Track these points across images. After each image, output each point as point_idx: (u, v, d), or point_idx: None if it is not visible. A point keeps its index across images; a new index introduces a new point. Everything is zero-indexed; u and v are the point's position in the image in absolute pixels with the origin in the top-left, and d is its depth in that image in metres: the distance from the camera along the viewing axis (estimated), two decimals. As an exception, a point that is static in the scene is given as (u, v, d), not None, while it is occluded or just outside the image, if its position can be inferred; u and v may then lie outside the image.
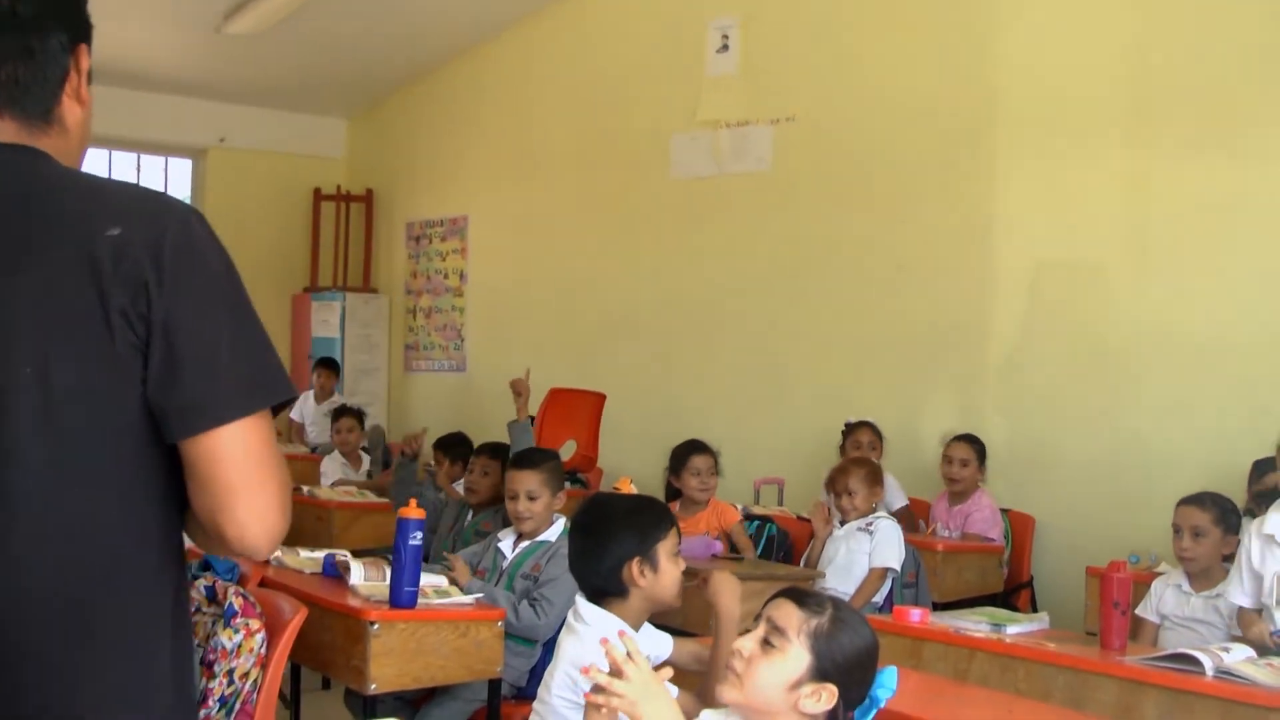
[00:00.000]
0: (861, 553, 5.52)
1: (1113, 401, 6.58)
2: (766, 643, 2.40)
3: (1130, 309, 6.54)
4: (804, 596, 2.46)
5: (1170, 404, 6.38)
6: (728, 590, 3.25)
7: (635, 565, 3.11)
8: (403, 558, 4.11)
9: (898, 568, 5.51)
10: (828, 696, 2.34)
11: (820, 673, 2.35)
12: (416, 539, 4.09)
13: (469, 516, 5.79)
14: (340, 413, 8.21)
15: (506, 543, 4.80)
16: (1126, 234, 6.60)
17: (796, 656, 2.37)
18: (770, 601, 2.48)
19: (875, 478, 5.70)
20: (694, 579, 3.32)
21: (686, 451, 6.04)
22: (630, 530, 3.16)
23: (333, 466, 7.88)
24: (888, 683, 2.38)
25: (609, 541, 3.13)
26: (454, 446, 8.07)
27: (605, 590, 3.13)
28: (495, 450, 5.89)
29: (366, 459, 8.06)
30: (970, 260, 7.21)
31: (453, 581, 4.52)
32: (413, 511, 4.12)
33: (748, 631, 2.46)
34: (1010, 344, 7.04)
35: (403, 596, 4.11)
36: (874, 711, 2.38)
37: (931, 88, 7.45)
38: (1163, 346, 6.41)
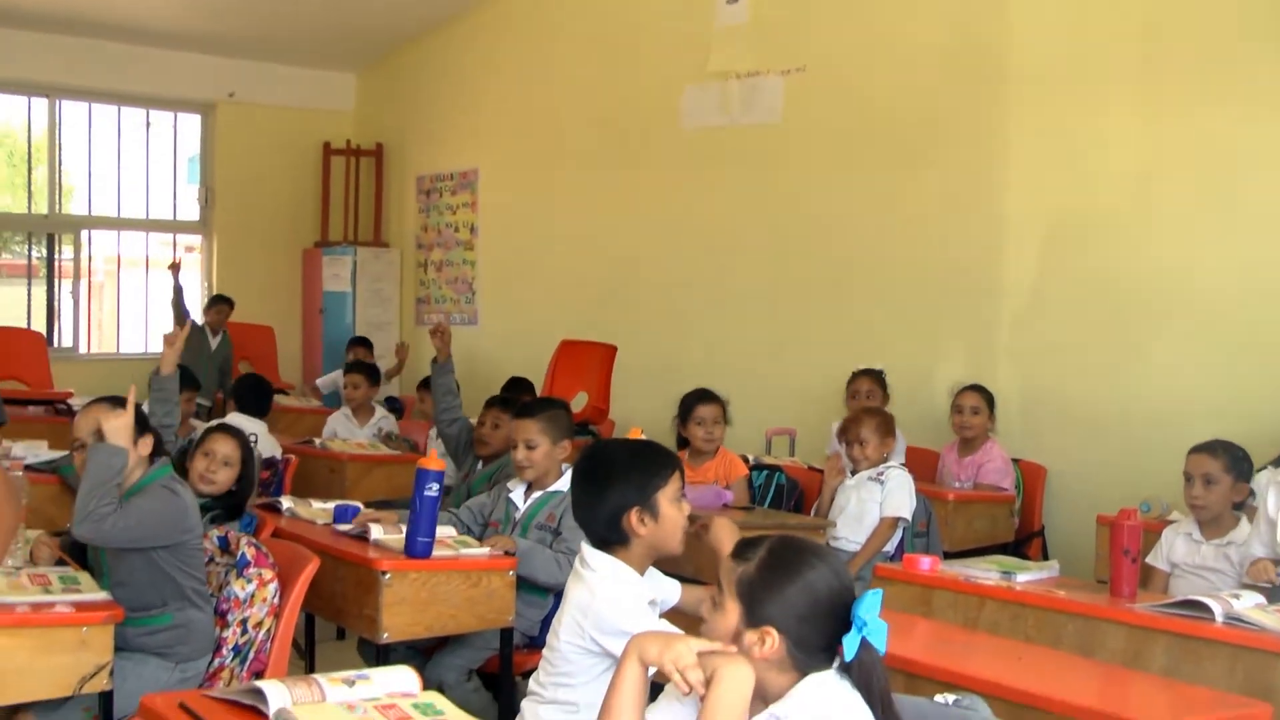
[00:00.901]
0: (873, 502, 5.53)
1: (1124, 351, 6.57)
2: (713, 602, 2.42)
3: (1141, 259, 6.51)
4: (742, 547, 2.44)
5: (1181, 352, 6.37)
6: (728, 536, 3.25)
7: (635, 515, 3.11)
8: (419, 508, 4.11)
9: (909, 517, 5.52)
10: (770, 640, 2.32)
11: (753, 619, 2.34)
12: (433, 490, 4.09)
13: (478, 467, 5.79)
14: (350, 368, 8.19)
15: (517, 493, 4.80)
16: (1138, 184, 6.56)
17: (730, 609, 2.37)
18: None
19: (887, 427, 5.70)
20: (694, 525, 3.32)
21: (693, 400, 6.02)
22: (629, 479, 3.14)
23: (341, 423, 7.86)
24: (869, 607, 2.33)
25: (607, 491, 3.13)
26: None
27: (607, 539, 3.14)
28: (506, 403, 5.88)
29: (378, 412, 8.05)
30: (981, 211, 7.18)
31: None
32: (432, 462, 4.12)
33: None
34: (1021, 294, 7.02)
35: (417, 547, 4.12)
36: (857, 640, 2.34)
37: (942, 38, 7.40)
38: (1174, 296, 6.39)
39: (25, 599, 3.43)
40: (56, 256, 11.35)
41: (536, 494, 4.75)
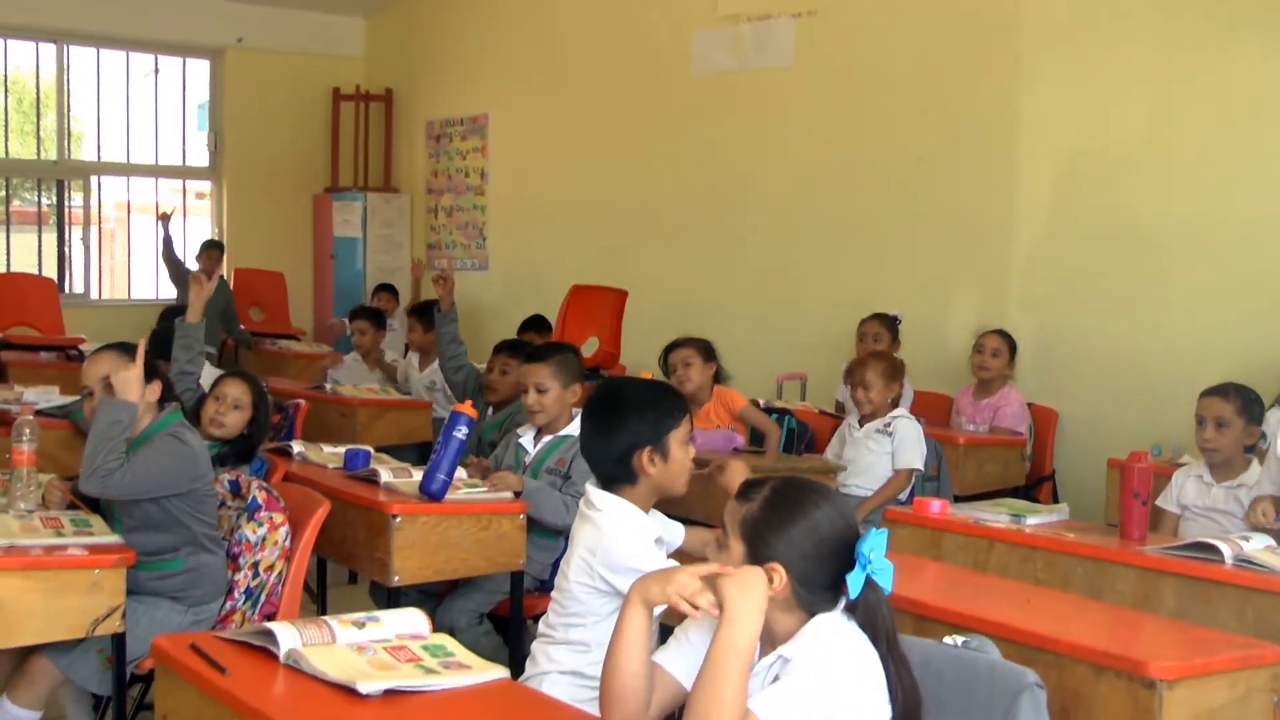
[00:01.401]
0: (882, 453, 5.51)
1: (1137, 294, 6.54)
2: (718, 543, 2.42)
3: (1156, 202, 6.48)
4: (746, 487, 2.45)
5: (1194, 296, 6.34)
6: (741, 478, 3.26)
7: (646, 454, 3.11)
8: (444, 447, 4.12)
9: (921, 466, 5.50)
10: (777, 577, 2.32)
11: (756, 558, 2.34)
12: (462, 433, 4.11)
13: (488, 414, 5.79)
14: (356, 314, 8.18)
15: (527, 438, 4.80)
16: (1153, 126, 6.52)
17: (735, 549, 2.37)
18: None
19: (894, 372, 5.66)
20: (704, 467, 3.33)
21: (664, 352, 5.95)
22: (643, 418, 3.15)
23: (347, 367, 7.86)
24: (873, 545, 2.34)
25: (621, 429, 3.13)
26: (427, 312, 8.06)
27: (615, 477, 3.14)
28: (514, 348, 5.86)
29: (386, 356, 8.05)
30: (995, 154, 7.14)
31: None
32: (467, 409, 4.13)
33: None
34: (1035, 237, 6.99)
35: (434, 484, 4.13)
36: (862, 578, 2.35)
37: (955, -22, 7.35)
38: (1188, 239, 6.36)
39: (38, 542, 3.45)
40: (66, 203, 11.34)
41: (546, 439, 4.75)
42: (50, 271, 11.01)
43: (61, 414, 5.28)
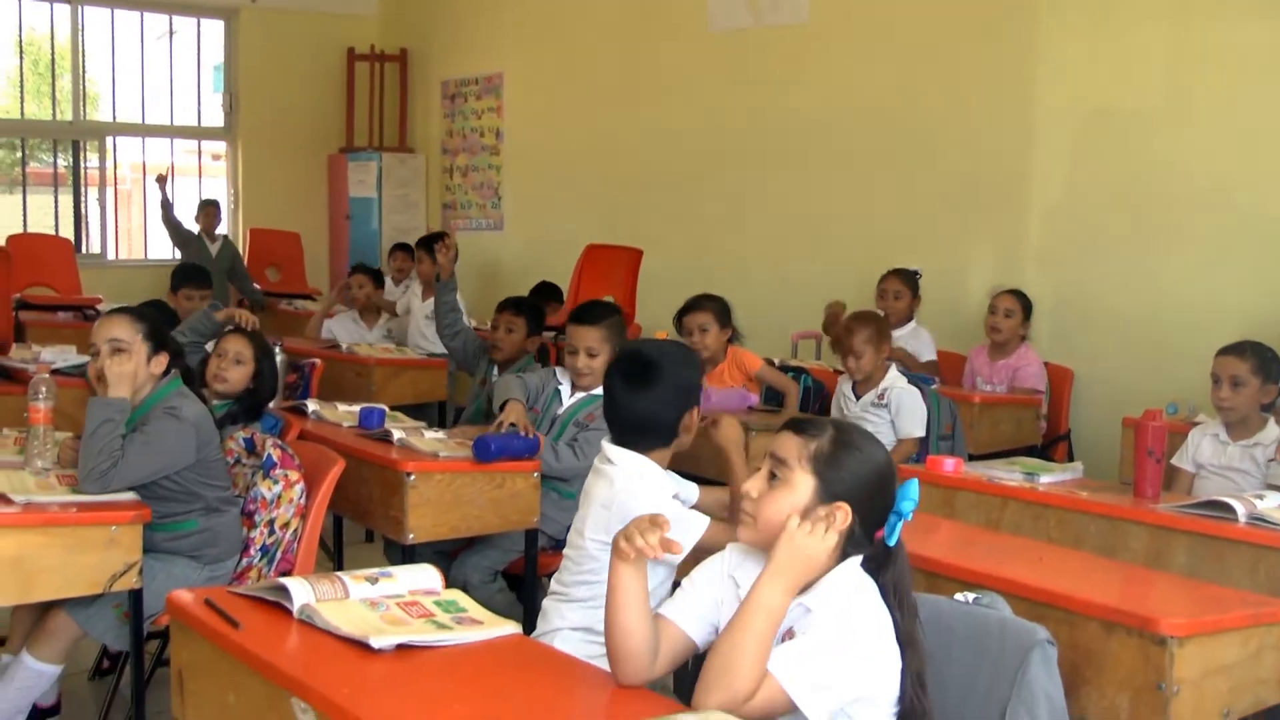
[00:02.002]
0: (882, 423, 5.44)
1: (1154, 253, 6.51)
2: (773, 476, 2.41)
3: (1173, 160, 6.43)
4: (803, 424, 2.45)
5: (1212, 254, 6.31)
6: (734, 433, 3.31)
7: (694, 413, 3.19)
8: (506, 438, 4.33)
9: (923, 432, 5.45)
10: (842, 516, 2.34)
11: (828, 494, 2.36)
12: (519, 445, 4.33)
13: (494, 372, 5.76)
14: (355, 269, 8.17)
15: (565, 387, 4.79)
16: (1170, 85, 6.46)
17: (802, 483, 2.37)
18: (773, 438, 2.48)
19: (881, 334, 5.55)
20: (703, 421, 3.35)
21: (680, 312, 5.90)
22: (692, 380, 3.23)
23: (344, 326, 7.85)
24: (910, 494, 2.37)
25: (675, 392, 3.17)
26: (434, 241, 8.04)
27: (655, 437, 3.16)
28: (519, 306, 5.84)
29: (384, 316, 8.07)
30: (1011, 112, 7.09)
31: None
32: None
33: (758, 472, 2.47)
34: (1052, 195, 6.95)
35: (486, 448, 4.22)
36: (900, 526, 2.38)
37: (973, -67, 7.29)
38: (1206, 197, 6.31)
39: (55, 499, 3.48)
40: (82, 164, 11.35)
41: (580, 394, 4.74)
42: (67, 232, 11.03)
43: (78, 373, 5.30)
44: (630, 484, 3.06)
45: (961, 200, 7.33)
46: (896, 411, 5.43)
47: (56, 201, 11.24)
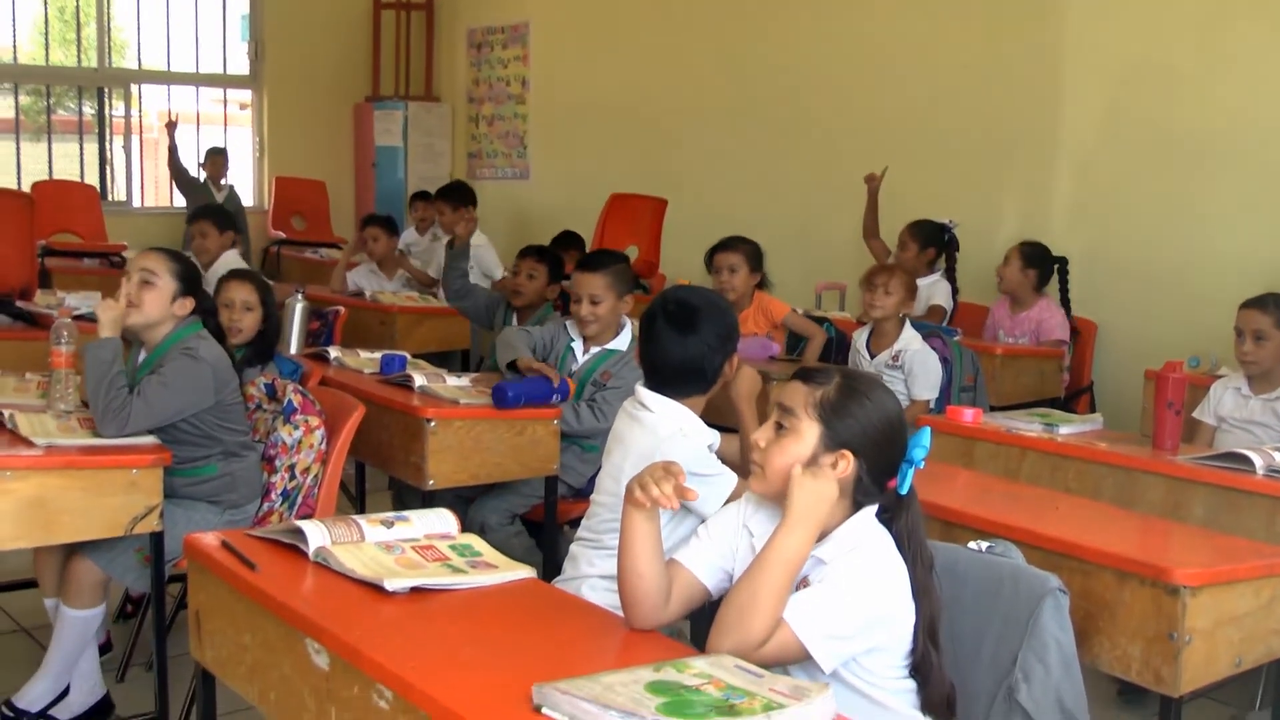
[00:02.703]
0: (897, 383, 5.40)
1: (1180, 206, 6.47)
2: (779, 426, 2.41)
3: (1202, 113, 6.37)
4: (810, 373, 2.45)
5: (1240, 208, 6.26)
6: (747, 380, 3.30)
7: (735, 360, 3.20)
8: (531, 382, 4.37)
9: (935, 395, 5.42)
10: (844, 464, 2.35)
11: (834, 441, 2.36)
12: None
13: (512, 319, 5.77)
14: (368, 221, 8.16)
15: (578, 344, 4.78)
16: (1198, 34, 6.40)
17: (808, 431, 2.37)
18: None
19: (913, 291, 5.57)
20: None
21: (711, 251, 5.90)
22: (732, 325, 3.22)
23: (365, 277, 7.85)
24: (923, 442, 2.37)
25: (715, 336, 3.16)
26: (455, 193, 8.07)
27: (697, 382, 3.15)
28: (542, 253, 5.85)
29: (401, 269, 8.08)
30: (1039, 61, 7.03)
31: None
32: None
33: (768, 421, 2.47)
34: (1081, 148, 6.90)
35: (505, 396, 4.25)
36: (911, 474, 2.38)
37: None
38: (1232, 149, 6.26)
39: (76, 442, 3.50)
40: (108, 111, 11.37)
41: (594, 350, 4.73)
42: (92, 180, 11.05)
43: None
44: (674, 436, 3.04)
45: (990, 152, 7.28)
46: (909, 373, 5.40)
47: (82, 149, 11.27)
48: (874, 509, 2.39)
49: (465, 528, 2.79)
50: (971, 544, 2.71)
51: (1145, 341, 6.37)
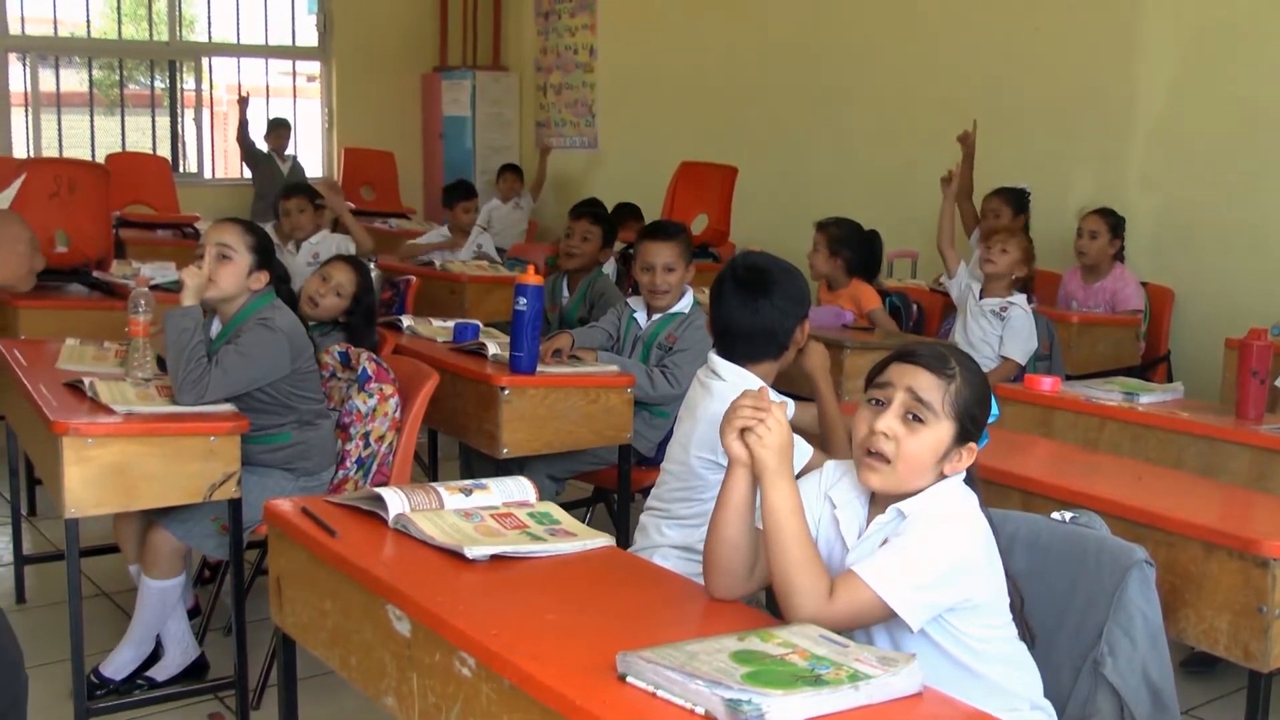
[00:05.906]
0: (992, 334, 5.39)
1: (1259, 171, 6.35)
2: (914, 418, 2.30)
3: (1278, 73, 6.25)
4: (932, 361, 2.34)
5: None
6: (819, 359, 3.28)
7: (805, 325, 3.17)
8: (514, 325, 4.16)
9: (1025, 360, 5.39)
10: (968, 455, 2.31)
11: (963, 435, 2.31)
12: (521, 304, 4.09)
13: (564, 292, 5.66)
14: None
15: (641, 313, 4.77)
16: (1281, -4, 6.29)
17: (945, 427, 2.30)
18: (891, 367, 2.36)
19: (1030, 256, 5.52)
20: None
21: (821, 224, 6.02)
22: (802, 289, 3.19)
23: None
24: (994, 409, 2.36)
25: (787, 300, 3.13)
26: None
27: (769, 347, 3.13)
28: (596, 215, 5.77)
29: (474, 232, 8.07)
30: (1115, 22, 6.92)
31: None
32: (530, 278, 4.11)
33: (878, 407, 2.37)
34: (1155, 111, 6.79)
35: (520, 363, 4.16)
36: (986, 437, 2.36)
37: None
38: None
39: (154, 409, 3.53)
40: (179, 85, 11.48)
41: (657, 315, 4.72)
42: (164, 152, 11.18)
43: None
44: None
45: (1064, 119, 7.18)
46: (1010, 328, 5.37)
47: (154, 122, 11.41)
48: (961, 476, 2.34)
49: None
50: (1055, 514, 2.66)
51: (1223, 309, 6.26)
